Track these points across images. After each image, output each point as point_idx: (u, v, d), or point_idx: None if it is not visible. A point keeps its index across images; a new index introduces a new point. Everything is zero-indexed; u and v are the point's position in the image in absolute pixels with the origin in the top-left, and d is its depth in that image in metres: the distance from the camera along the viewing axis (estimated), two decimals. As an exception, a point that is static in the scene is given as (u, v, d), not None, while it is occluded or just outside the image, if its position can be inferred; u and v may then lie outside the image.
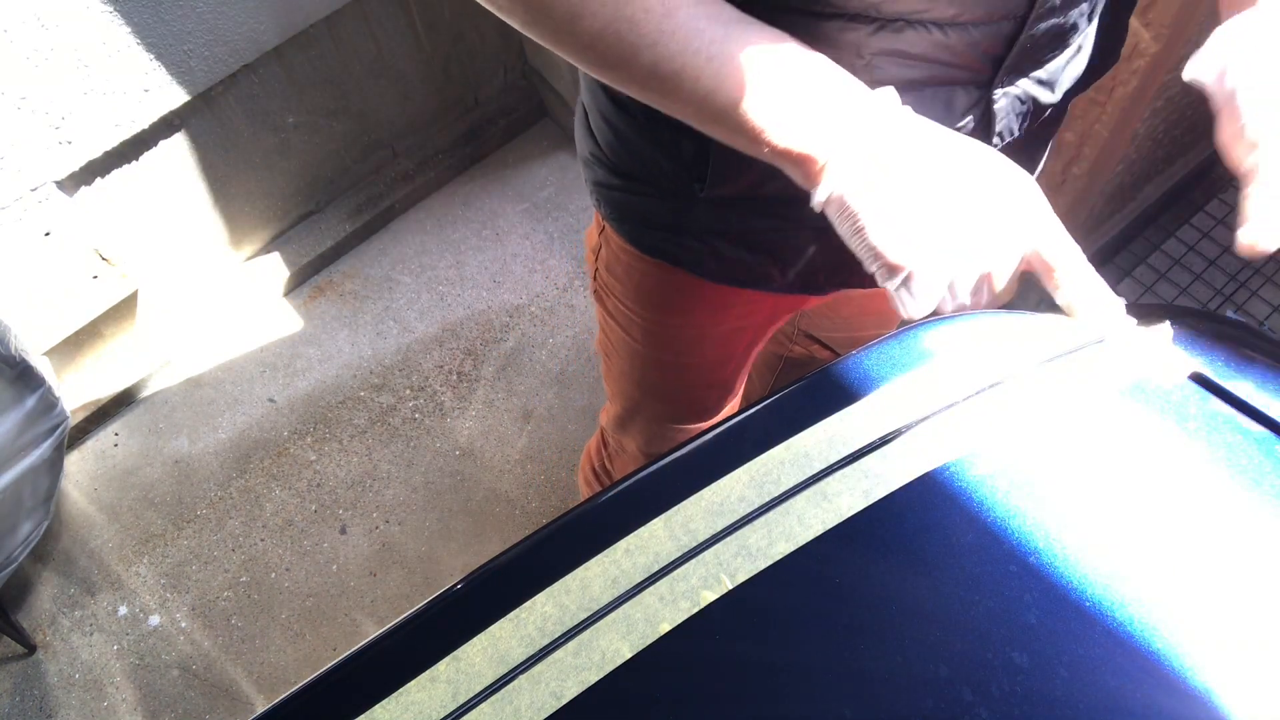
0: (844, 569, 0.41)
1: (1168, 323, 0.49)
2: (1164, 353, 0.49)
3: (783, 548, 0.41)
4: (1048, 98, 0.56)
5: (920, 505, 0.43)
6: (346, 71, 1.76)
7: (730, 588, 0.41)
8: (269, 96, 1.67)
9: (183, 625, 1.56)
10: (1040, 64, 0.53)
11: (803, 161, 0.44)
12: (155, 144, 1.57)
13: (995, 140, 0.56)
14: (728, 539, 0.42)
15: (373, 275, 1.95)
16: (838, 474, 0.44)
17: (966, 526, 0.42)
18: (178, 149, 1.61)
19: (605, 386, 0.99)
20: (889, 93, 0.45)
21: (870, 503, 0.43)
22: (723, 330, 0.79)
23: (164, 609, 1.58)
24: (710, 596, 0.40)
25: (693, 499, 0.44)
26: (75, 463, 1.73)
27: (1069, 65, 0.56)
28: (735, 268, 0.68)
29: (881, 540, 0.42)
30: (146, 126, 1.51)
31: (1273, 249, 0.43)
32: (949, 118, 0.52)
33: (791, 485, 0.43)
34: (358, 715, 0.39)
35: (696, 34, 0.42)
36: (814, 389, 0.49)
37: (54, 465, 1.47)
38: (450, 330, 1.87)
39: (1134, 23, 1.20)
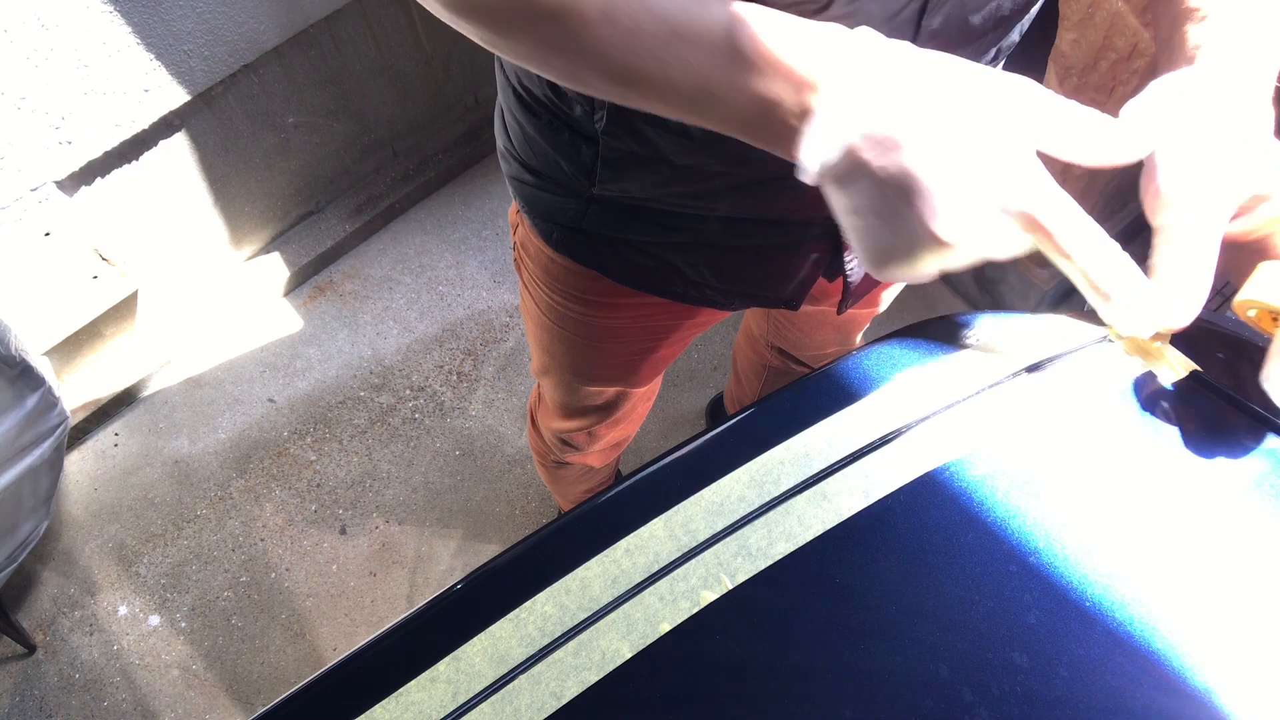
0: (844, 569, 0.41)
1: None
2: (1163, 353, 0.49)
3: (783, 548, 0.41)
4: None
5: (920, 505, 0.43)
6: (346, 71, 1.76)
7: (730, 588, 0.41)
8: (269, 96, 1.67)
9: (183, 625, 1.56)
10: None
11: (784, 150, 0.42)
12: (155, 144, 1.57)
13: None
14: (728, 539, 0.42)
15: (373, 275, 1.95)
16: (838, 474, 0.44)
17: (966, 526, 0.42)
18: (178, 149, 1.61)
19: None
20: (866, 33, 0.41)
21: (870, 503, 0.43)
22: (626, 325, 0.80)
23: (164, 609, 1.58)
24: (710, 596, 0.40)
25: (693, 499, 0.44)
26: (75, 463, 1.73)
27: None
28: (634, 271, 0.69)
29: (881, 540, 0.42)
30: (146, 126, 1.51)
31: (1177, 326, 0.43)
32: None
33: (791, 485, 0.43)
34: (358, 715, 0.39)
35: (637, 36, 0.40)
36: (814, 389, 0.49)
37: (54, 465, 1.47)
38: (450, 330, 1.87)
39: (1134, 22, 1.20)
